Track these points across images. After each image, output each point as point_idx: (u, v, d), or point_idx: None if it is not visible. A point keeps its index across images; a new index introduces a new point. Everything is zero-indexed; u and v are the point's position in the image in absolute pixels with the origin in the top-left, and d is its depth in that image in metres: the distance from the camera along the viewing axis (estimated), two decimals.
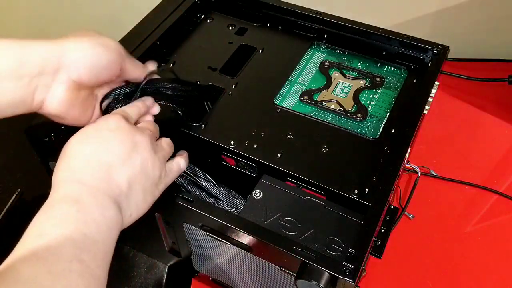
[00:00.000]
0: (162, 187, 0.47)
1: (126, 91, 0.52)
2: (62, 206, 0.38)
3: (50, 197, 0.40)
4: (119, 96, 0.52)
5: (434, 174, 0.81)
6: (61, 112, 0.47)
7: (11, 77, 0.43)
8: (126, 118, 0.46)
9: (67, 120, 0.48)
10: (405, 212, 0.75)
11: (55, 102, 0.46)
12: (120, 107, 0.51)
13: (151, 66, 0.55)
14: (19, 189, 0.75)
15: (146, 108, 0.52)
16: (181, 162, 0.50)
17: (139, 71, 0.52)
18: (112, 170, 0.42)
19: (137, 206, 0.44)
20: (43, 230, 0.37)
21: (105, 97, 0.51)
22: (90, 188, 0.40)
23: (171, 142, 0.50)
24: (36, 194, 0.75)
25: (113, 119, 0.45)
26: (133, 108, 0.50)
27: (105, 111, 0.51)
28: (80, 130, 0.44)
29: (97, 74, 0.47)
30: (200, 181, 0.54)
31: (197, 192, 0.54)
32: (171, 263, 0.65)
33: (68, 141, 0.43)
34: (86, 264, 0.36)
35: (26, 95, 0.44)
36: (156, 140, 0.49)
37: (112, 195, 0.41)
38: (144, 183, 0.44)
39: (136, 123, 0.50)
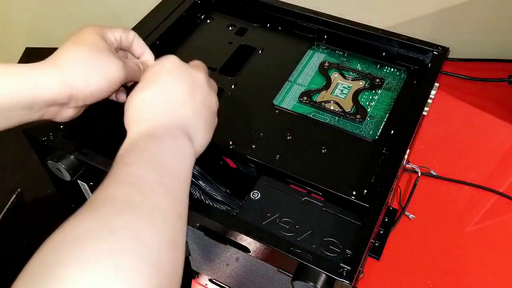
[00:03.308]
0: (216, 116, 0.51)
1: None
2: (140, 141, 0.42)
3: (128, 137, 0.44)
4: None
5: (434, 174, 0.81)
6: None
7: (22, 108, 0.45)
8: (176, 57, 0.49)
9: None
10: (405, 212, 0.75)
11: (62, 118, 0.50)
12: None
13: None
14: (19, 189, 0.75)
15: None
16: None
17: (137, 69, 0.54)
18: (177, 106, 0.46)
19: (204, 135, 0.48)
20: (128, 160, 0.40)
21: None
22: (161, 123, 0.44)
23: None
24: (36, 194, 0.75)
25: (168, 61, 0.49)
26: None
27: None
28: (142, 77, 0.48)
29: (102, 97, 0.50)
30: (199, 181, 0.55)
31: (195, 192, 0.54)
32: None
33: (133, 90, 0.47)
34: (169, 187, 0.39)
35: (34, 117, 0.47)
36: None
37: (181, 126, 0.45)
38: (206, 115, 0.48)
39: None
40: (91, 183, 0.58)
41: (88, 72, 0.47)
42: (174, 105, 0.46)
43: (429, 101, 0.61)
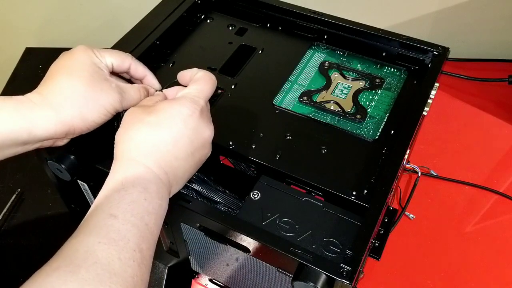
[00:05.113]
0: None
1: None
2: (134, 191, 0.41)
3: (119, 172, 0.43)
4: None
5: (434, 174, 0.81)
6: None
7: (17, 145, 0.45)
8: (200, 105, 0.48)
9: None
10: (405, 212, 0.75)
11: (58, 145, 0.49)
12: None
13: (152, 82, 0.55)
14: (19, 189, 0.75)
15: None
16: None
17: (137, 96, 0.52)
18: (177, 163, 0.45)
19: (180, 186, 0.47)
20: (116, 211, 0.39)
21: None
22: (157, 178, 0.43)
23: None
24: (36, 194, 0.75)
25: (187, 107, 0.46)
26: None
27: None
28: (154, 109, 0.46)
29: (97, 127, 0.49)
30: (198, 182, 0.55)
31: (194, 192, 0.54)
32: (171, 263, 0.65)
33: (139, 116, 0.46)
34: (143, 254, 0.39)
35: (30, 149, 0.47)
36: None
37: (171, 184, 0.45)
38: (194, 170, 0.48)
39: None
40: (91, 183, 0.58)
41: (84, 112, 0.46)
42: (174, 161, 0.45)
43: (429, 101, 0.61)
